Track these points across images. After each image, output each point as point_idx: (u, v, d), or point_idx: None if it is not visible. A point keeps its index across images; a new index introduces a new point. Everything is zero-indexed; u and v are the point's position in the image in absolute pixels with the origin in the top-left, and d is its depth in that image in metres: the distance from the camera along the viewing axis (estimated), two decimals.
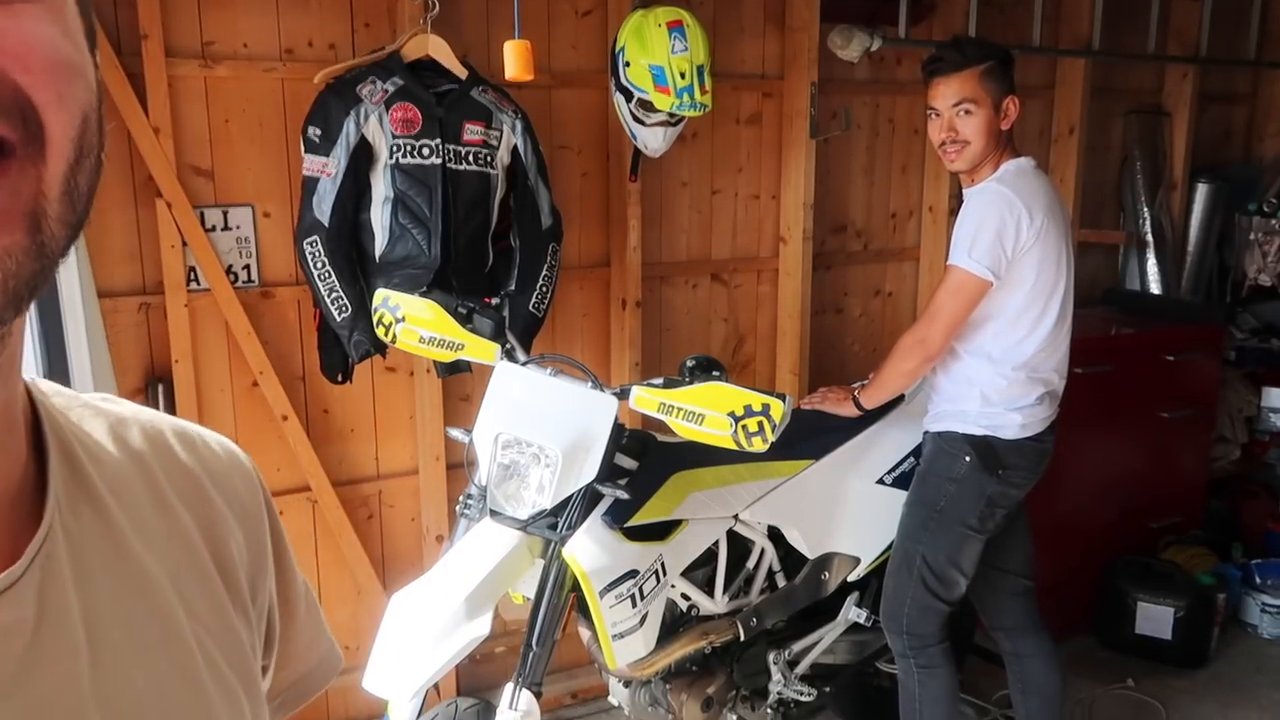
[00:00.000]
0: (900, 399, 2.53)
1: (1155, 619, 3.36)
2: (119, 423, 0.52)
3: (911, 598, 2.33)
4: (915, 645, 2.35)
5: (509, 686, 1.95)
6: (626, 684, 2.31)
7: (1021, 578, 2.46)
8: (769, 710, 2.57)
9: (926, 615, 2.33)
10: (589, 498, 2.00)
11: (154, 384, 2.46)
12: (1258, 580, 3.58)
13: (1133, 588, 3.41)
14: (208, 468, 0.54)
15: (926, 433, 2.36)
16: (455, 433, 2.15)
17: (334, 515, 2.75)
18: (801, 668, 2.53)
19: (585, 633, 2.21)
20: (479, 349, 2.07)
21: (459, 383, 2.75)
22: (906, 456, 2.53)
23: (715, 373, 1.99)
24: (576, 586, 1.96)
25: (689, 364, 2.06)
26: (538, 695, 1.96)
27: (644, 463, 2.10)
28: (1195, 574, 3.46)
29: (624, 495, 1.96)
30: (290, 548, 0.59)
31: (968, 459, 2.24)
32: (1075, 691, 3.13)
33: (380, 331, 2.10)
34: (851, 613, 2.53)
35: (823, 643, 2.54)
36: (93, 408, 0.52)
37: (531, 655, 1.96)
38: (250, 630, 0.54)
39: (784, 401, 1.82)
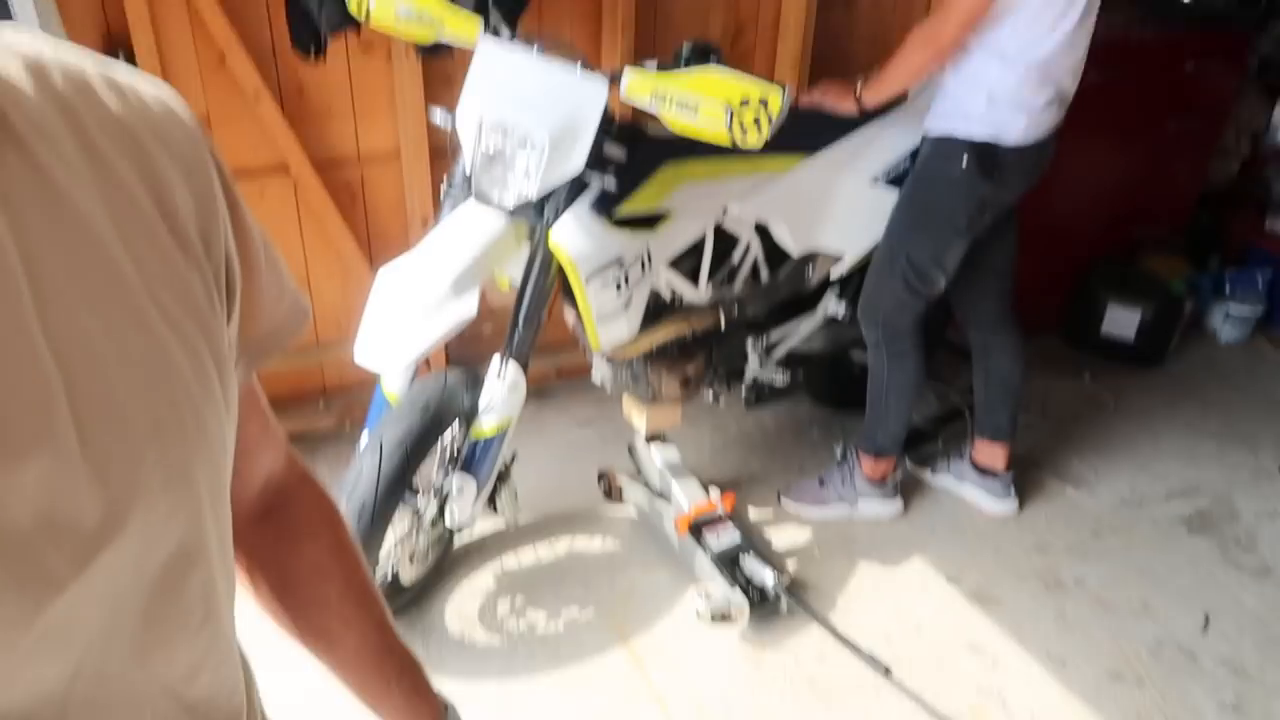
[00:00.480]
0: (903, 98, 2.45)
1: (1121, 321, 3.49)
2: (37, 64, 0.45)
3: (891, 293, 2.40)
4: (888, 336, 2.46)
5: (496, 359, 2.05)
6: (609, 362, 2.43)
7: (1001, 278, 2.52)
8: (743, 390, 2.74)
9: (903, 310, 2.41)
10: (576, 186, 1.98)
11: (113, 56, 2.35)
12: (1228, 289, 3.68)
13: (1105, 290, 3.52)
14: (142, 118, 0.50)
15: (926, 134, 2.30)
16: (438, 114, 2.08)
17: (316, 196, 2.74)
18: (778, 354, 2.65)
19: (570, 315, 2.28)
20: (460, 25, 1.96)
21: (440, 64, 2.64)
22: (904, 157, 2.50)
23: (712, 57, 1.91)
24: (562, 271, 2.00)
25: (685, 50, 1.96)
26: (524, 369, 2.07)
27: (633, 153, 2.05)
28: (1169, 281, 3.56)
29: (612, 187, 1.94)
30: (243, 202, 0.55)
31: (964, 162, 2.20)
32: (1034, 382, 3.32)
33: (354, 7, 1.97)
34: (831, 306, 2.61)
35: (800, 332, 2.65)
36: (3, 45, 0.45)
37: (518, 334, 2.04)
38: (205, 283, 0.51)
39: (783, 93, 1.75)
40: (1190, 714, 2.03)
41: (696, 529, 2.35)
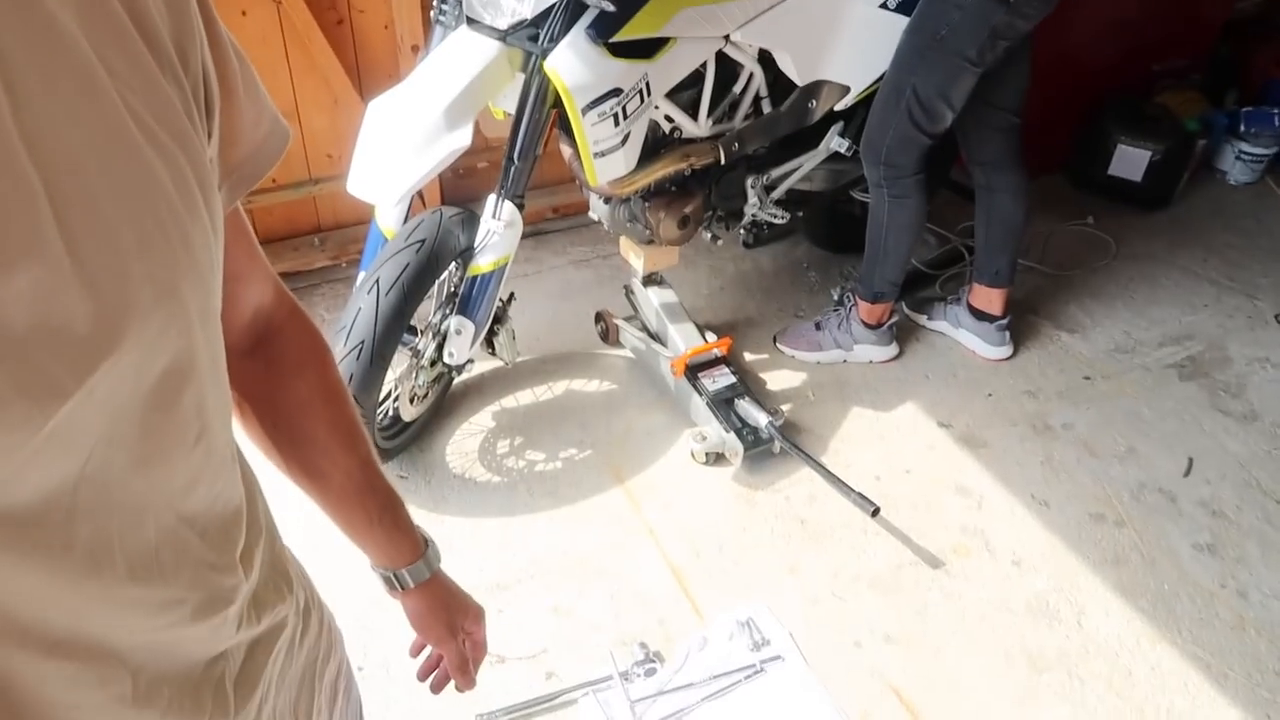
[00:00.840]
0: None
1: (1130, 161, 3.40)
2: None
3: (895, 128, 2.31)
4: (890, 175, 2.39)
5: (492, 197, 2.00)
6: (606, 200, 2.37)
7: (1010, 114, 2.42)
8: (742, 230, 2.69)
9: (907, 146, 2.33)
10: (573, 7, 1.87)
11: None
12: (1242, 128, 3.57)
13: (1116, 129, 3.41)
14: None
15: None
16: None
17: (300, 18, 2.59)
18: (778, 193, 2.59)
19: (566, 150, 2.21)
20: None
21: None
22: None
23: None
24: (559, 102, 1.91)
25: None
26: (520, 207, 2.02)
27: None
28: (1183, 119, 3.44)
29: (610, 7, 1.84)
30: (218, 17, 0.53)
31: None
32: (1035, 225, 3.27)
33: None
34: (834, 142, 2.53)
35: (801, 170, 2.57)
36: None
37: (513, 169, 1.98)
38: (184, 99, 0.49)
39: None
40: (1166, 554, 2.10)
41: (692, 371, 2.36)
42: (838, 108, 2.46)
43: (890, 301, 2.58)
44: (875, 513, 2.10)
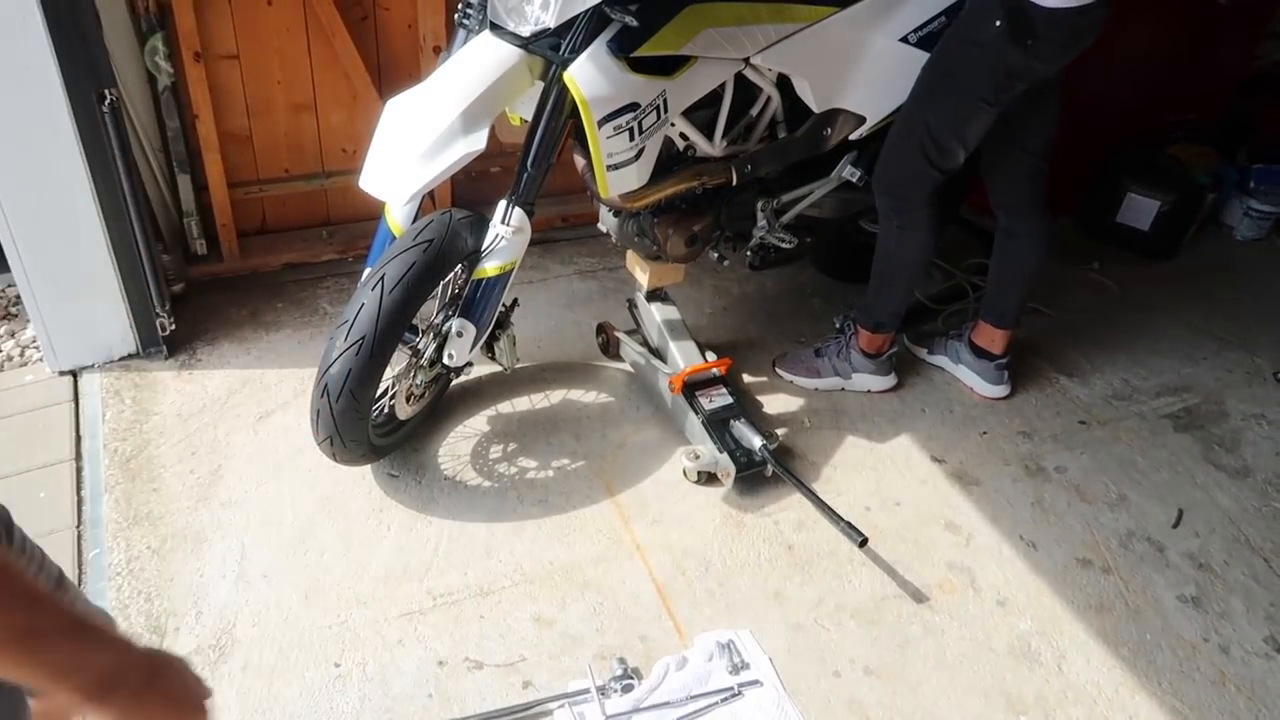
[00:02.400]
0: None
1: (1139, 210, 3.42)
2: None
3: (907, 161, 2.32)
4: (900, 208, 2.39)
5: (503, 203, 2.00)
6: (616, 213, 2.37)
7: (1037, 158, 2.40)
8: (749, 252, 2.70)
9: (918, 180, 2.33)
10: (596, 20, 1.89)
11: None
12: (1252, 184, 3.59)
13: (1128, 177, 3.43)
14: None
15: None
16: None
17: (325, 12, 2.61)
18: (787, 218, 2.59)
19: (580, 160, 2.22)
20: None
21: None
22: (937, 16, 2.37)
23: None
24: (575, 113, 1.92)
25: None
26: (530, 214, 2.02)
27: None
28: (1194, 172, 3.46)
29: (633, 22, 1.85)
30: None
31: (997, 23, 2.08)
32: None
33: None
34: (846, 171, 2.54)
35: (812, 196, 2.58)
36: None
37: (526, 176, 1.98)
38: None
39: None
40: (1151, 604, 2.10)
41: (690, 389, 2.36)
42: (852, 137, 2.47)
43: (891, 332, 2.58)
44: (863, 543, 2.09)
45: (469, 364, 2.17)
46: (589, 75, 1.88)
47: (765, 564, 2.11)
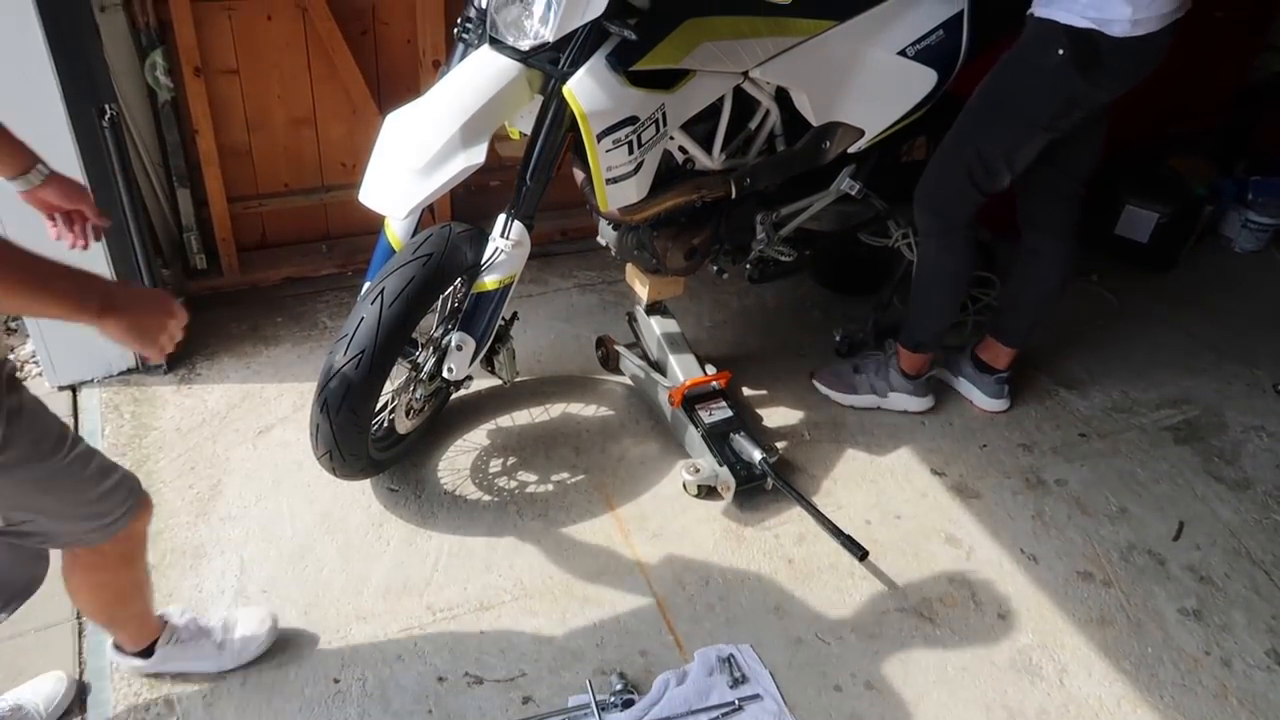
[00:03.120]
0: None
1: (1138, 222, 3.42)
2: None
3: (952, 182, 2.30)
4: (942, 227, 2.38)
5: (502, 216, 2.00)
6: (615, 227, 2.38)
7: (1078, 183, 2.38)
8: (748, 266, 2.70)
9: (962, 201, 2.31)
10: (595, 34, 1.89)
11: None
12: (1250, 196, 3.60)
13: (1126, 190, 3.43)
14: None
15: (1030, 13, 2.12)
16: None
17: (325, 27, 2.62)
18: (786, 231, 2.59)
19: (579, 174, 2.22)
20: None
21: None
22: (936, 29, 2.37)
23: None
24: (574, 126, 1.92)
25: None
26: (529, 227, 2.02)
27: (656, 3, 1.94)
28: (1192, 184, 3.46)
29: (632, 36, 1.85)
30: None
31: (1061, 51, 2.03)
32: None
33: None
34: (845, 184, 2.54)
35: (811, 209, 2.58)
36: None
37: (525, 189, 1.98)
38: None
39: None
40: (1152, 617, 2.09)
41: (690, 403, 2.36)
42: (851, 150, 2.47)
43: (931, 353, 2.57)
44: (863, 557, 2.09)
45: (468, 378, 2.17)
46: (588, 89, 1.88)
47: (766, 578, 2.10)
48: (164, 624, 1.73)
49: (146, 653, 1.72)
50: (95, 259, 2.28)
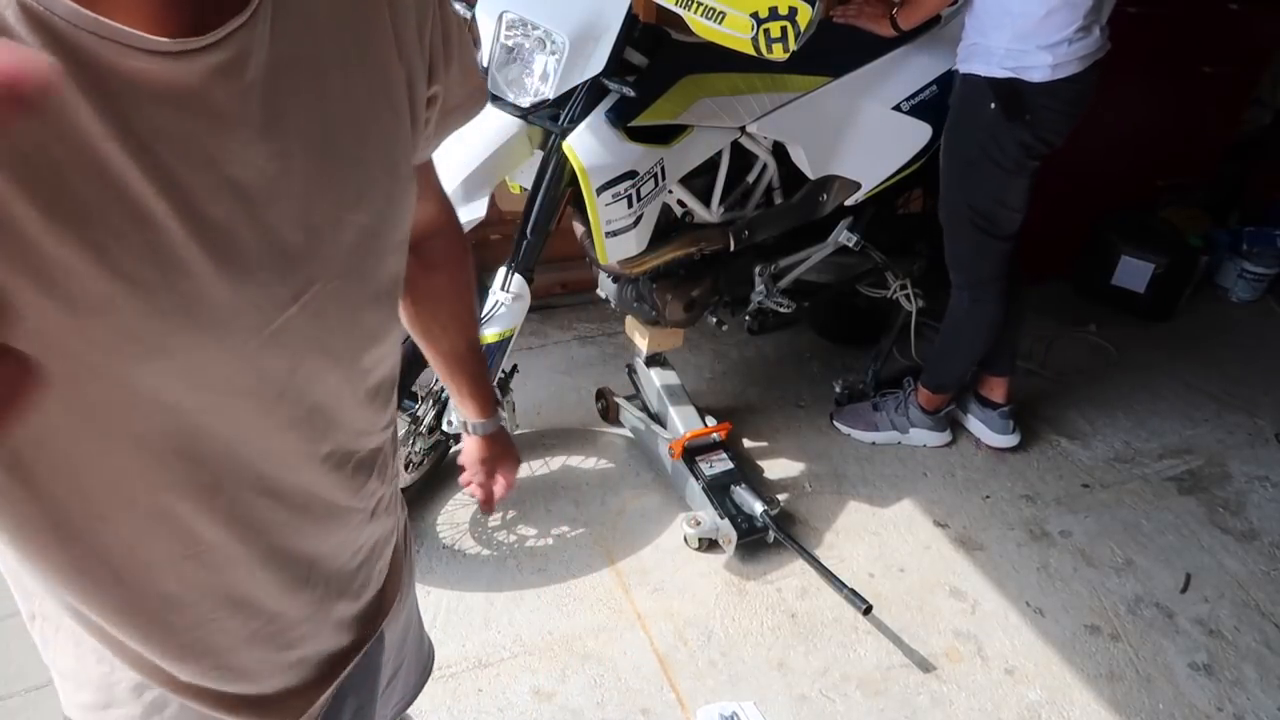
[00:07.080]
0: (936, 20, 2.36)
1: (1134, 272, 3.44)
2: None
3: (964, 237, 2.35)
4: (973, 280, 2.43)
5: (502, 269, 2.01)
6: (615, 279, 2.39)
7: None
8: (747, 317, 2.70)
9: (986, 253, 2.36)
10: (594, 91, 1.92)
11: None
12: (1245, 246, 3.62)
13: (1121, 240, 3.46)
14: None
15: (955, 72, 2.22)
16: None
17: None
18: (785, 282, 2.61)
19: (579, 227, 2.24)
20: None
21: None
22: (930, 84, 2.41)
23: None
24: (574, 181, 1.94)
25: None
26: (529, 280, 2.03)
27: (654, 61, 1.98)
28: (1186, 234, 3.49)
29: (630, 92, 1.88)
30: (449, 2, 0.70)
31: (992, 105, 2.12)
32: (1039, 330, 3.30)
33: None
34: (842, 236, 2.56)
35: (809, 261, 2.60)
36: None
37: (525, 243, 2.00)
38: (411, 70, 0.66)
39: (812, 7, 1.68)
40: (1162, 672, 2.05)
41: (690, 455, 2.34)
42: (848, 203, 2.49)
43: (951, 393, 2.63)
44: (867, 611, 2.06)
45: None
46: (587, 144, 1.90)
47: (768, 633, 2.07)
48: None
49: None
50: None
